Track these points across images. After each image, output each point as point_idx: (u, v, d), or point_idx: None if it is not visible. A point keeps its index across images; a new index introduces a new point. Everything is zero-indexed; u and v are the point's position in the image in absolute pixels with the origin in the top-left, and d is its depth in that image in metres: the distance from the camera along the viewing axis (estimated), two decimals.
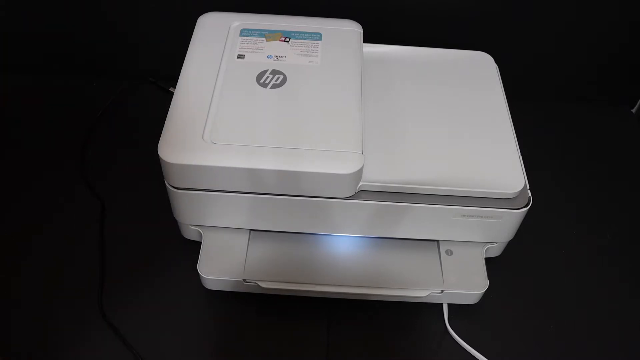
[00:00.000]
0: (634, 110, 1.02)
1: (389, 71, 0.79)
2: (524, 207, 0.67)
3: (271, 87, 0.70)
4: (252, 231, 0.74)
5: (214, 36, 0.76)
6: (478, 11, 0.89)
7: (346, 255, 0.73)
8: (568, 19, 0.90)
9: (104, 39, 0.95)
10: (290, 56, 0.74)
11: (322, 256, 0.73)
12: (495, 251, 0.76)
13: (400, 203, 0.67)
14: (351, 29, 0.79)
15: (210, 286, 0.72)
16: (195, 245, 0.74)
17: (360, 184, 0.66)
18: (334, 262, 0.73)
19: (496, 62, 0.82)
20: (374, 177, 0.66)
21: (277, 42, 0.76)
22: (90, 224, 0.80)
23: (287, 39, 0.76)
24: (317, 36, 0.77)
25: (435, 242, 0.74)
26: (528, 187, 0.68)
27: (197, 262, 0.71)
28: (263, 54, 0.74)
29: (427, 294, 0.71)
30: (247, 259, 0.72)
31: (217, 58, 0.73)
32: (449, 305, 0.73)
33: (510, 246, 0.76)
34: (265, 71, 0.72)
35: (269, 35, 0.76)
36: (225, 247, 0.72)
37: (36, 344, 0.70)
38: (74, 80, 0.98)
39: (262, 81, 0.71)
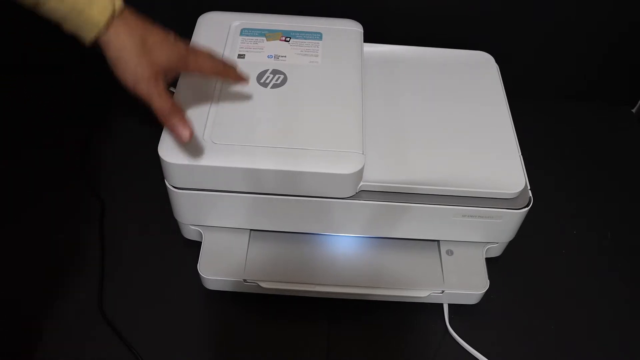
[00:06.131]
0: (634, 110, 1.02)
1: (390, 71, 0.79)
2: (525, 207, 0.67)
3: (271, 87, 0.70)
4: (252, 231, 0.74)
5: (214, 36, 0.76)
6: (478, 11, 0.89)
7: (346, 255, 0.73)
8: (568, 19, 0.90)
9: None
10: (290, 56, 0.74)
11: (322, 256, 0.73)
12: (496, 251, 0.76)
13: (400, 203, 0.67)
14: (352, 29, 0.79)
15: (211, 286, 0.72)
16: (195, 245, 0.74)
17: (361, 184, 0.66)
18: (334, 262, 0.73)
19: (496, 61, 0.82)
20: (375, 177, 0.66)
21: (278, 41, 0.76)
22: (90, 224, 0.80)
23: (288, 39, 0.76)
24: (317, 36, 0.76)
25: (436, 242, 0.74)
26: (529, 187, 0.68)
27: (197, 262, 0.71)
28: (263, 54, 0.74)
29: (427, 294, 0.71)
30: (248, 259, 0.72)
31: None
32: (450, 305, 0.73)
33: (511, 246, 0.76)
34: (266, 71, 0.72)
35: (270, 34, 0.76)
36: (225, 247, 0.72)
37: (36, 344, 0.69)
38: (74, 80, 0.98)
39: (262, 81, 0.71)
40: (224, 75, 0.64)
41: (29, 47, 0.96)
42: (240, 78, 0.65)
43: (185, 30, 0.78)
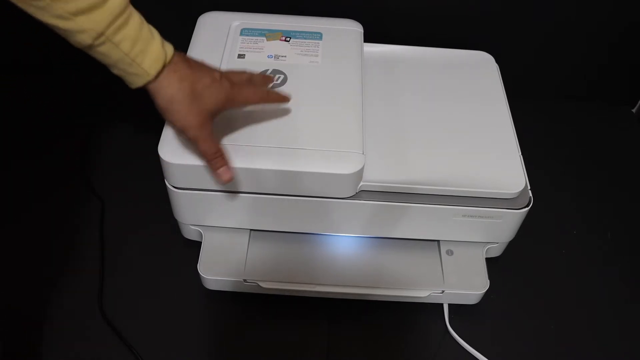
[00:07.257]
0: (634, 110, 1.02)
1: (390, 71, 0.79)
2: (525, 207, 0.67)
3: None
4: (252, 231, 0.74)
5: (214, 36, 0.76)
6: (478, 11, 0.89)
7: (346, 255, 0.73)
8: (568, 19, 0.90)
9: None
10: (290, 56, 0.74)
11: (322, 256, 0.73)
12: (496, 251, 0.76)
13: (401, 203, 0.66)
14: (352, 29, 0.79)
15: (211, 286, 0.72)
16: (195, 245, 0.74)
17: (361, 184, 0.66)
18: (334, 262, 0.73)
19: (496, 61, 0.82)
20: (375, 177, 0.66)
21: (278, 41, 0.76)
22: (90, 224, 0.80)
23: (288, 39, 0.76)
24: (317, 36, 0.76)
25: (436, 242, 0.74)
26: (529, 187, 0.68)
27: (197, 262, 0.71)
28: (263, 54, 0.74)
29: (427, 294, 0.71)
30: (248, 259, 0.72)
31: (218, 57, 0.73)
32: (450, 305, 0.73)
33: (511, 246, 0.76)
34: (266, 71, 0.72)
35: (270, 34, 0.76)
36: (225, 247, 0.72)
37: (36, 344, 0.69)
38: (74, 80, 0.98)
39: None
40: (267, 100, 0.64)
41: (29, 47, 0.96)
42: (282, 99, 0.65)
43: (185, 30, 0.78)
